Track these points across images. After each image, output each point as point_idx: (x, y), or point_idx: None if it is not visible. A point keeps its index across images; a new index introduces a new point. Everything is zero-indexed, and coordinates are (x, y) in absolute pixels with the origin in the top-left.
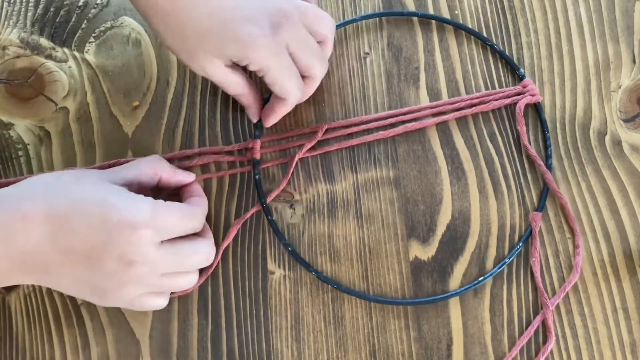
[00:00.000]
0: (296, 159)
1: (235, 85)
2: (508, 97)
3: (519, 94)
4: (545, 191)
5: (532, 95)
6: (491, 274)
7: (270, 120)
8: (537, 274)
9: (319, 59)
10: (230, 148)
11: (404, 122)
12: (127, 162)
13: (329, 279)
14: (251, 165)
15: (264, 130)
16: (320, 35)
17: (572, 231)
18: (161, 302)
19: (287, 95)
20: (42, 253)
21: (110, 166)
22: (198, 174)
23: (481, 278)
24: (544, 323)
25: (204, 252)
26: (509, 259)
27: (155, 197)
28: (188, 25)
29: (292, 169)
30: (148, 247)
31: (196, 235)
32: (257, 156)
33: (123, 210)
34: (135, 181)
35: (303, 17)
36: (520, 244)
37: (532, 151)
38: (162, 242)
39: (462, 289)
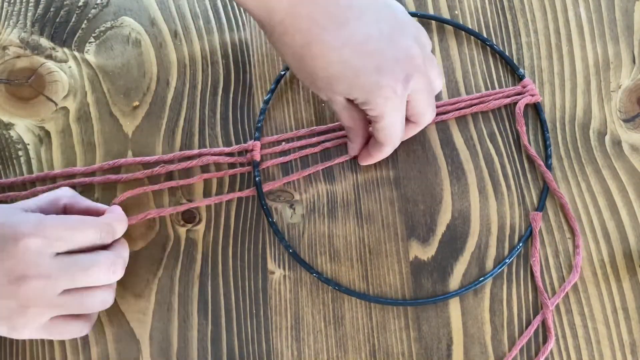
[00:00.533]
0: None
1: (350, 119)
2: (508, 97)
3: (518, 94)
4: (545, 191)
5: (532, 95)
6: (491, 275)
7: (365, 161)
8: (537, 274)
9: (431, 108)
10: (231, 150)
11: None
12: (126, 162)
13: (330, 281)
14: (251, 166)
15: (263, 132)
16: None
17: (572, 231)
18: (81, 328)
19: (388, 143)
20: None
21: (110, 167)
22: (198, 174)
23: (481, 278)
24: (544, 323)
25: (104, 263)
26: (509, 259)
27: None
28: (318, 71)
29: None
30: (37, 258)
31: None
32: (258, 158)
33: (2, 224)
34: (36, 207)
35: (429, 66)
36: (521, 244)
37: (532, 151)
38: (57, 254)
39: (462, 290)
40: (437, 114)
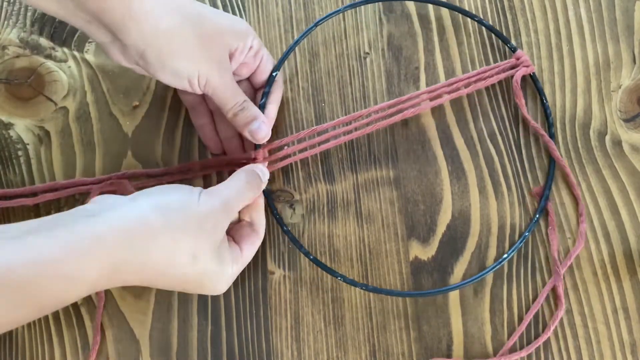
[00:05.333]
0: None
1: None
2: (503, 71)
3: (513, 67)
4: (553, 164)
5: (526, 66)
6: (508, 256)
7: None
8: (554, 242)
9: None
10: (233, 158)
11: (402, 110)
12: (135, 173)
13: (356, 282)
14: None
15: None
16: None
17: (575, 200)
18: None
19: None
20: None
21: (118, 178)
22: (199, 174)
23: (502, 258)
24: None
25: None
26: (528, 232)
27: None
28: None
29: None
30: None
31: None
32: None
33: (212, 289)
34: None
35: None
36: (537, 216)
37: (533, 122)
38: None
39: (464, 282)
40: (435, 99)
